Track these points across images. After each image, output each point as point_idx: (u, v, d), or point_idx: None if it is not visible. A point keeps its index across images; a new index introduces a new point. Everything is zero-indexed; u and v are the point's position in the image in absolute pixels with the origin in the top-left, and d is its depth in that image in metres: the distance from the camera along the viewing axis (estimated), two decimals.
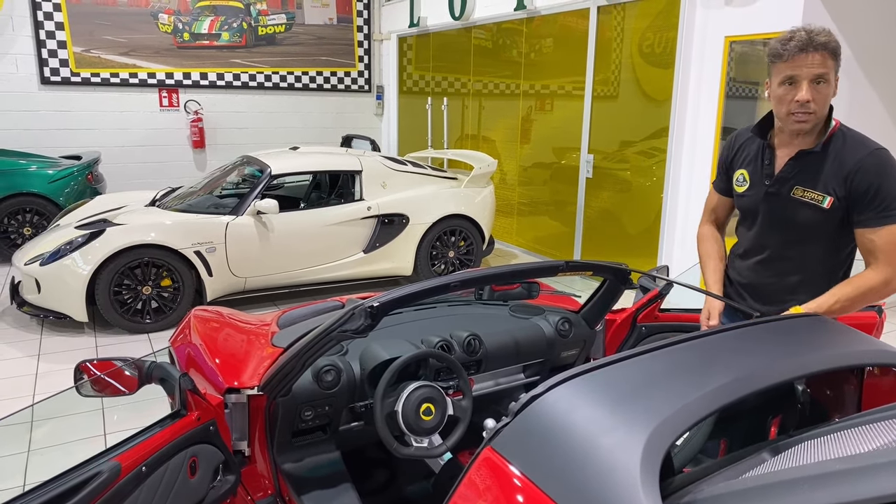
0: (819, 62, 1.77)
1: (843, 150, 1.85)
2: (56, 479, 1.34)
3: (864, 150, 1.84)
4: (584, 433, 1.08)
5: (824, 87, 1.80)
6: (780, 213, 1.96)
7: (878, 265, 1.81)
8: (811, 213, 1.89)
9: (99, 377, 1.81)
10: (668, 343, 1.37)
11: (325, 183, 6.33)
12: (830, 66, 1.79)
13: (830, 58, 1.78)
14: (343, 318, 1.67)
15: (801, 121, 1.83)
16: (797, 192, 1.91)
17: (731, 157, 2.15)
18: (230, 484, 1.75)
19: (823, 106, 1.83)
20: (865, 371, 1.65)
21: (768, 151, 1.99)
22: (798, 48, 1.77)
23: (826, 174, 1.86)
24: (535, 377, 2.44)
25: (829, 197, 1.85)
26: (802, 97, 1.79)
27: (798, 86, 1.80)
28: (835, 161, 1.85)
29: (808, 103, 1.80)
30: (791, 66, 1.80)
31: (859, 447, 1.05)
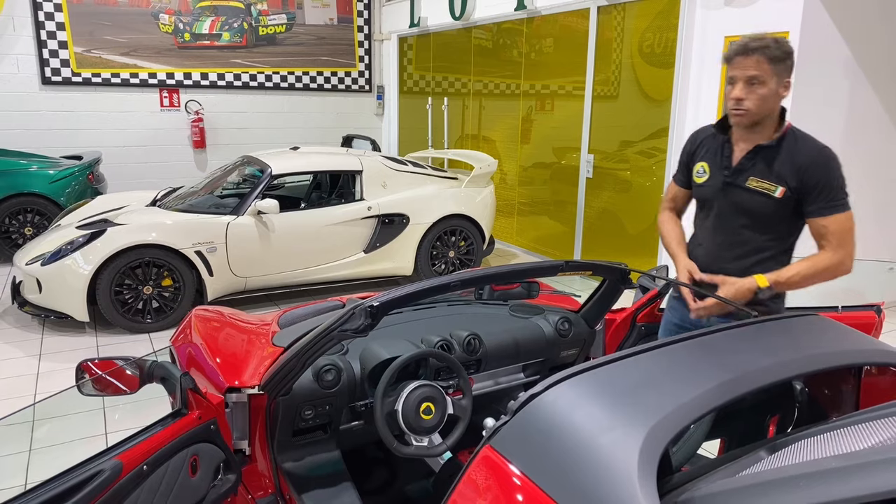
0: (753, 65, 1.98)
1: (795, 147, 2.07)
2: (58, 477, 1.34)
3: (814, 148, 2.06)
4: (583, 431, 1.08)
5: (758, 88, 2.01)
6: (735, 201, 2.15)
7: (830, 248, 2.04)
8: (764, 202, 2.08)
9: (100, 376, 1.82)
10: (666, 342, 1.37)
11: (325, 183, 6.34)
12: (766, 69, 1.98)
13: (767, 62, 1.98)
14: (343, 318, 1.67)
15: (738, 115, 2.06)
16: (752, 183, 2.10)
17: (692, 152, 2.33)
18: (231, 483, 1.75)
19: (758, 104, 2.02)
20: (863, 370, 1.66)
21: (728, 146, 2.19)
22: (736, 52, 2.02)
23: (779, 167, 2.06)
24: (535, 377, 2.45)
25: (781, 187, 2.05)
26: (736, 95, 2.03)
27: (735, 85, 2.04)
28: (788, 156, 2.06)
29: (741, 101, 2.02)
30: (732, 68, 2.04)
31: (856, 445, 1.05)
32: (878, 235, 5.45)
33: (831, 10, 4.58)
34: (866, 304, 2.35)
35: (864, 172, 5.17)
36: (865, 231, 5.33)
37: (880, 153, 5.23)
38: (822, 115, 4.79)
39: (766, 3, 4.67)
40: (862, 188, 5.19)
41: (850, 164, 5.35)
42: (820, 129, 4.91)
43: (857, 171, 5.14)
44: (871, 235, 5.39)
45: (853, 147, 5.00)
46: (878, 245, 5.46)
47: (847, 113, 4.91)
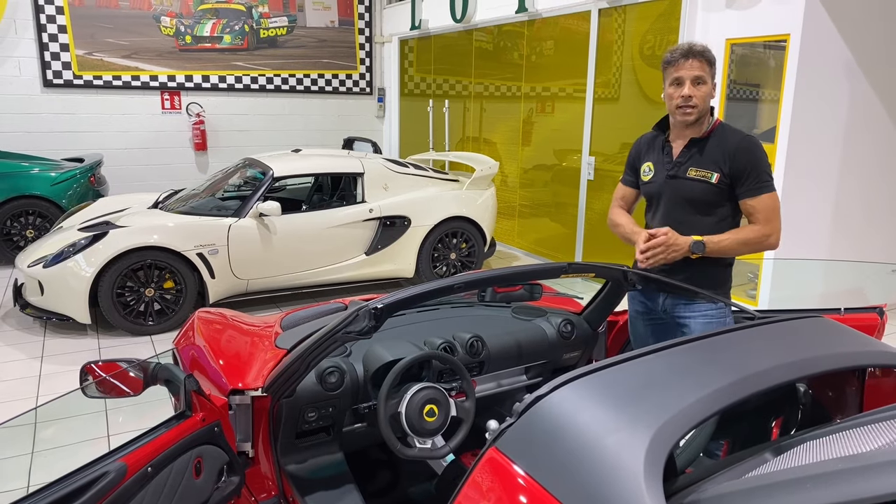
0: (697, 66, 2.25)
1: (723, 136, 2.32)
2: (63, 479, 1.35)
3: (740, 136, 2.30)
4: (589, 433, 1.08)
5: (702, 87, 2.27)
6: (679, 190, 2.37)
7: (758, 224, 2.28)
8: (703, 188, 2.32)
9: (104, 379, 1.82)
10: (670, 344, 1.37)
11: (327, 185, 6.34)
12: (707, 70, 2.27)
13: (707, 64, 2.27)
14: (347, 320, 1.67)
15: (687, 113, 2.28)
16: (691, 172, 2.34)
17: (637, 156, 2.56)
18: (234, 485, 1.75)
19: (703, 101, 2.28)
20: (867, 372, 1.66)
21: (667, 145, 2.43)
22: (682, 55, 2.26)
23: (712, 155, 2.31)
24: (538, 379, 2.45)
25: (716, 174, 2.29)
26: (685, 93, 2.26)
27: (683, 85, 2.27)
28: (719, 145, 2.30)
29: (691, 98, 2.26)
30: (677, 70, 2.28)
31: (861, 447, 1.06)
32: (879, 237, 5.45)
33: (832, 12, 4.58)
34: (869, 306, 2.35)
35: (866, 174, 5.17)
36: (867, 232, 5.35)
37: (881, 155, 5.23)
38: (824, 116, 4.79)
39: (768, 5, 4.68)
40: (863, 190, 5.20)
41: (852, 165, 5.38)
42: (821, 130, 4.94)
43: (858, 173, 5.15)
44: (872, 237, 5.39)
45: (854, 149, 5.01)
46: (880, 247, 5.46)
47: (848, 115, 4.92)
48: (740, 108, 5.04)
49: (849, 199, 5.11)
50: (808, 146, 4.76)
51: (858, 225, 5.26)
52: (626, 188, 2.62)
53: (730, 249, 2.28)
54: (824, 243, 5.08)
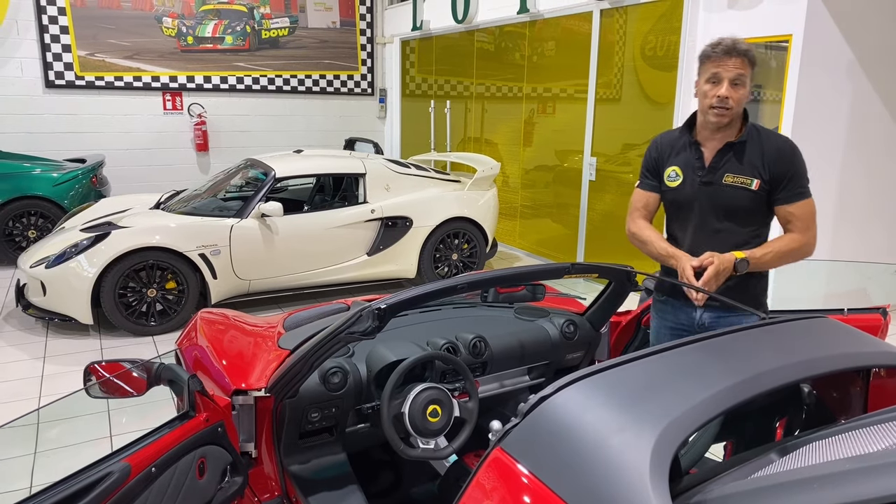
0: (738, 65, 2.08)
1: (760, 140, 2.17)
2: (67, 479, 1.35)
3: (779, 139, 2.17)
4: (594, 433, 1.08)
5: (740, 88, 2.11)
6: (715, 198, 2.20)
7: (797, 232, 2.14)
8: (742, 195, 2.16)
9: (108, 379, 1.82)
10: (674, 345, 1.37)
11: (328, 186, 6.34)
12: (747, 70, 2.10)
13: (748, 65, 2.10)
14: (350, 320, 1.67)
15: (720, 114, 2.12)
16: (728, 179, 2.17)
17: (658, 158, 2.35)
18: (238, 485, 1.75)
19: (739, 103, 2.12)
20: (871, 372, 1.66)
21: (695, 147, 2.24)
22: (724, 51, 2.09)
23: (751, 160, 2.15)
24: (541, 379, 2.45)
25: (756, 180, 2.14)
26: (723, 93, 2.09)
27: (720, 84, 2.10)
28: (756, 149, 2.15)
29: (727, 99, 2.10)
30: (716, 66, 2.11)
31: (867, 448, 1.05)
32: (882, 238, 5.44)
33: (834, 13, 4.58)
34: (872, 306, 2.35)
35: (868, 175, 5.17)
36: (869, 233, 5.35)
37: (884, 155, 5.23)
38: (826, 117, 4.79)
39: (770, 5, 4.67)
40: (866, 190, 5.19)
41: (854, 166, 5.37)
42: (823, 131, 4.94)
43: (860, 174, 5.15)
44: (875, 238, 5.39)
45: (857, 149, 5.00)
46: (883, 247, 5.45)
47: (850, 115, 4.91)
48: None
49: (851, 199, 5.10)
50: (810, 147, 4.74)
51: (861, 226, 5.25)
52: (648, 194, 2.39)
53: (771, 263, 2.14)
54: (827, 244, 5.07)
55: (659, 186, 2.36)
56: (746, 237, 2.19)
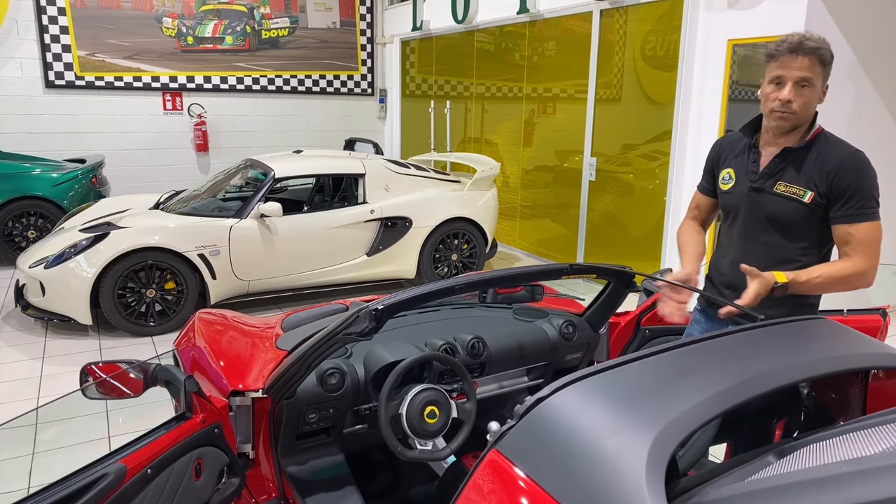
0: (806, 66, 1.89)
1: (825, 150, 1.95)
2: (62, 481, 1.34)
3: (845, 151, 1.94)
4: (590, 436, 1.08)
5: (808, 91, 1.91)
6: (763, 207, 2.04)
7: (854, 257, 1.91)
8: (792, 207, 1.98)
9: (104, 380, 1.82)
10: (672, 346, 1.37)
11: (328, 186, 6.34)
12: (817, 72, 1.90)
13: (818, 64, 1.89)
14: (348, 321, 1.67)
15: (782, 118, 1.94)
16: (780, 188, 2.00)
17: (717, 159, 2.23)
18: (235, 486, 1.75)
19: (805, 108, 1.93)
20: (870, 374, 1.65)
21: (754, 151, 2.09)
22: (789, 50, 1.89)
23: (808, 170, 1.95)
24: (539, 380, 2.44)
25: (811, 192, 1.94)
26: (784, 96, 1.91)
27: (784, 86, 1.92)
28: (818, 159, 1.95)
29: (790, 103, 1.91)
30: (780, 67, 1.92)
31: (866, 450, 1.05)
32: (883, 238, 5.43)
33: (835, 13, 4.57)
34: (871, 307, 2.34)
35: None
36: None
37: (885, 155, 5.22)
38: (826, 117, 4.77)
39: (770, 5, 4.67)
40: None
41: None
42: None
43: None
44: None
45: None
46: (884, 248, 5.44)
47: (851, 115, 4.91)
48: (742, 109, 5.03)
49: None
50: None
51: None
52: (702, 196, 2.29)
53: (820, 287, 1.91)
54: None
55: (713, 189, 2.24)
56: (794, 253, 2.01)
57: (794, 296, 1.95)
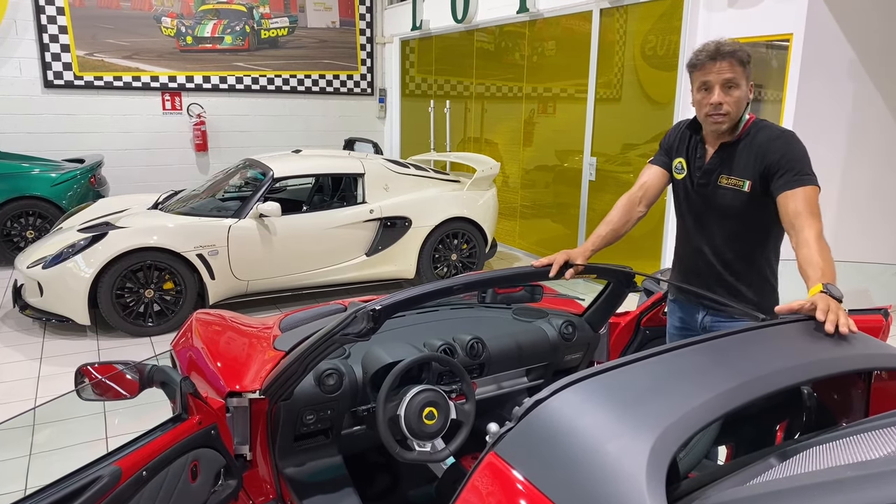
0: (727, 68, 1.99)
1: (756, 138, 2.07)
2: (56, 483, 1.33)
3: (773, 133, 2.06)
4: (590, 438, 1.06)
5: (735, 91, 2.02)
6: (710, 199, 2.16)
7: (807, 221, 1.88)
8: (734, 197, 2.09)
9: (100, 381, 1.80)
10: (673, 346, 1.35)
11: (327, 186, 6.32)
12: (739, 71, 2.00)
13: (738, 65, 2.00)
14: (345, 322, 1.66)
15: (718, 122, 2.05)
16: (722, 181, 2.12)
17: (674, 142, 2.30)
18: (231, 488, 1.74)
19: (736, 107, 2.03)
20: (873, 375, 1.63)
21: (700, 146, 2.20)
22: (708, 57, 2.01)
23: (745, 160, 2.07)
24: (539, 381, 2.43)
25: (748, 181, 2.06)
26: (714, 100, 2.02)
27: (712, 91, 2.03)
28: (751, 147, 2.06)
29: (721, 105, 2.02)
30: (704, 74, 2.03)
31: (869, 453, 1.03)
32: (884, 238, 5.42)
33: (835, 11, 4.56)
34: (873, 307, 2.33)
35: (870, 174, 5.14)
36: (871, 233, 5.32)
37: (885, 155, 5.20)
38: (826, 117, 4.76)
39: (770, 4, 4.65)
40: (867, 190, 5.17)
41: (856, 165, 5.35)
42: (824, 131, 4.92)
43: (861, 173, 5.12)
44: (877, 238, 5.36)
45: (858, 149, 4.98)
46: (885, 247, 5.43)
47: (851, 115, 4.89)
48: None
49: (853, 199, 5.08)
50: (811, 147, 4.68)
51: (862, 226, 5.23)
52: (657, 170, 2.31)
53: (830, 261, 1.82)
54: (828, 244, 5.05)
55: (669, 164, 2.31)
56: (752, 243, 2.12)
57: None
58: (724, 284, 2.18)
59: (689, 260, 2.29)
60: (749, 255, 2.16)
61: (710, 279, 2.21)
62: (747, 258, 2.16)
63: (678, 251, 2.37)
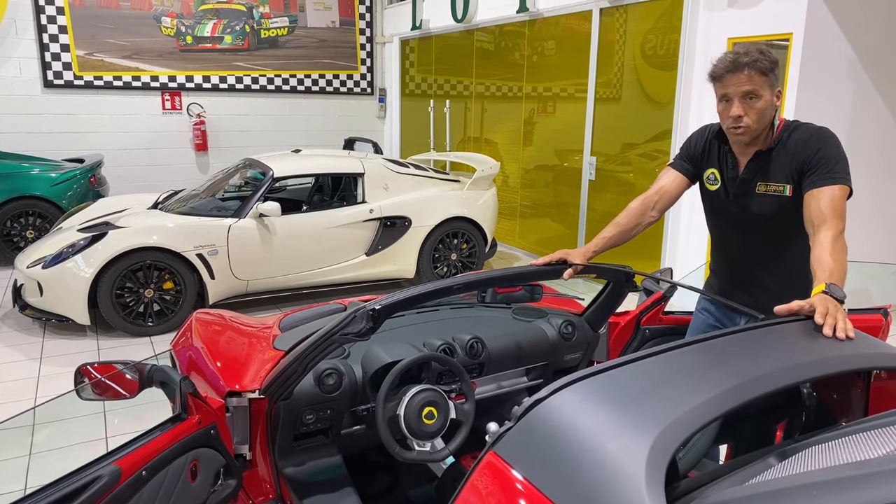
0: (746, 80, 1.93)
1: (790, 139, 2.02)
2: (55, 483, 1.33)
3: (809, 131, 2.00)
4: (589, 438, 1.06)
5: (756, 102, 1.95)
6: (749, 208, 2.11)
7: (827, 220, 1.85)
8: (776, 203, 2.05)
9: (99, 380, 1.80)
10: (673, 346, 1.35)
11: (327, 185, 6.32)
12: (759, 82, 1.93)
13: (758, 75, 1.92)
14: (345, 321, 1.66)
15: (739, 133, 2.00)
16: (761, 188, 2.07)
17: (702, 151, 2.22)
18: (231, 488, 1.73)
19: (758, 119, 1.97)
20: (872, 374, 1.63)
21: (731, 156, 2.13)
22: (726, 69, 1.95)
23: (782, 165, 2.02)
24: (538, 380, 2.43)
25: (789, 185, 2.01)
26: (734, 112, 1.97)
27: (731, 103, 1.98)
28: (785, 150, 2.02)
29: (741, 118, 1.96)
30: (723, 86, 1.98)
31: (868, 452, 1.03)
32: (883, 237, 5.42)
33: (835, 11, 4.56)
34: (873, 307, 2.33)
35: (869, 174, 5.14)
36: (871, 233, 5.32)
37: (885, 155, 5.20)
38: (826, 116, 4.76)
39: (770, 4, 4.65)
40: (867, 190, 5.16)
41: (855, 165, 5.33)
42: None
43: (861, 173, 5.11)
44: (876, 237, 5.36)
45: (858, 148, 4.98)
46: (885, 247, 5.43)
47: (851, 114, 4.89)
48: None
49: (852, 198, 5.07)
50: None
51: (862, 225, 5.23)
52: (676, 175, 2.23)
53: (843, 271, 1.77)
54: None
55: (692, 171, 2.24)
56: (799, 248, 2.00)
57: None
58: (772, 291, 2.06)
59: (733, 269, 2.25)
60: (796, 260, 2.06)
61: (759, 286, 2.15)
62: (794, 263, 2.08)
63: (718, 261, 2.32)
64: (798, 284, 2.01)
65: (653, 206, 2.24)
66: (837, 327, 1.45)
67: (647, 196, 2.25)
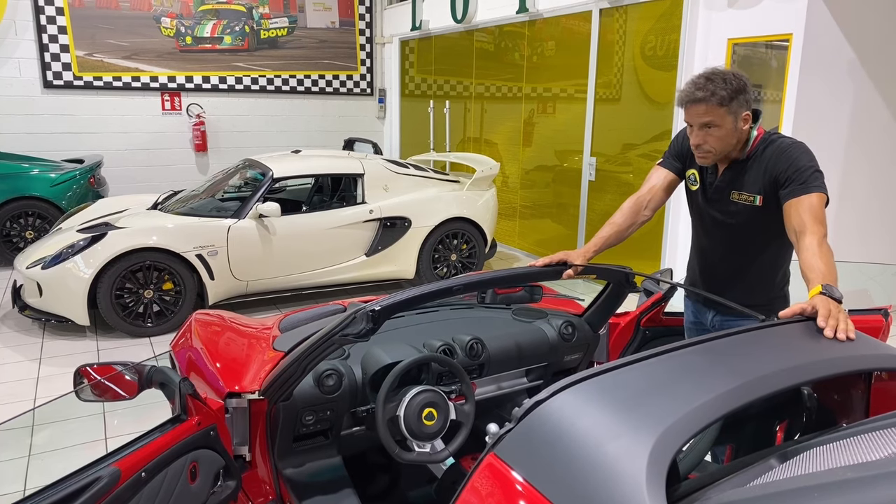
0: (704, 112, 2.01)
1: (765, 151, 2.09)
2: (55, 484, 1.32)
3: (782, 145, 2.07)
4: (589, 439, 1.06)
5: (715, 131, 2.03)
6: (723, 215, 2.21)
7: (809, 227, 1.89)
8: (747, 212, 2.13)
9: (99, 381, 1.80)
10: (673, 347, 1.35)
11: (327, 186, 6.32)
12: (718, 113, 2.00)
13: (717, 106, 1.99)
14: (345, 322, 1.65)
15: (701, 157, 2.11)
16: (734, 196, 2.16)
17: (686, 151, 2.27)
18: (231, 489, 1.73)
19: (720, 144, 2.06)
20: (873, 375, 1.63)
21: None
22: (686, 100, 2.03)
23: (755, 176, 2.10)
24: (538, 381, 2.43)
25: (759, 196, 2.09)
26: (693, 141, 2.08)
27: (692, 131, 2.08)
28: (760, 162, 2.10)
29: (700, 146, 2.07)
30: (686, 114, 2.07)
31: (869, 454, 1.03)
32: (884, 238, 5.42)
33: (835, 11, 4.56)
34: (873, 307, 2.32)
35: (870, 174, 5.14)
36: (871, 233, 5.32)
37: (885, 154, 5.20)
38: (826, 117, 4.76)
39: (770, 4, 4.65)
40: (867, 190, 5.17)
41: (856, 166, 5.35)
42: (824, 131, 4.91)
43: (861, 173, 5.12)
44: (876, 238, 5.36)
45: (858, 148, 4.98)
46: (885, 247, 5.43)
47: (851, 115, 4.89)
48: None
49: (853, 199, 5.08)
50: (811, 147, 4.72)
51: (862, 225, 5.23)
52: (666, 173, 2.30)
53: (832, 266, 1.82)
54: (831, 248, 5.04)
55: (680, 168, 2.31)
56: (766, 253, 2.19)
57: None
58: (736, 289, 2.23)
59: (703, 264, 2.37)
60: (762, 264, 2.22)
61: (723, 283, 2.28)
62: (760, 267, 2.22)
63: (693, 254, 2.43)
64: (759, 291, 2.21)
65: (645, 205, 2.30)
66: (839, 328, 1.47)
67: (640, 195, 2.31)
